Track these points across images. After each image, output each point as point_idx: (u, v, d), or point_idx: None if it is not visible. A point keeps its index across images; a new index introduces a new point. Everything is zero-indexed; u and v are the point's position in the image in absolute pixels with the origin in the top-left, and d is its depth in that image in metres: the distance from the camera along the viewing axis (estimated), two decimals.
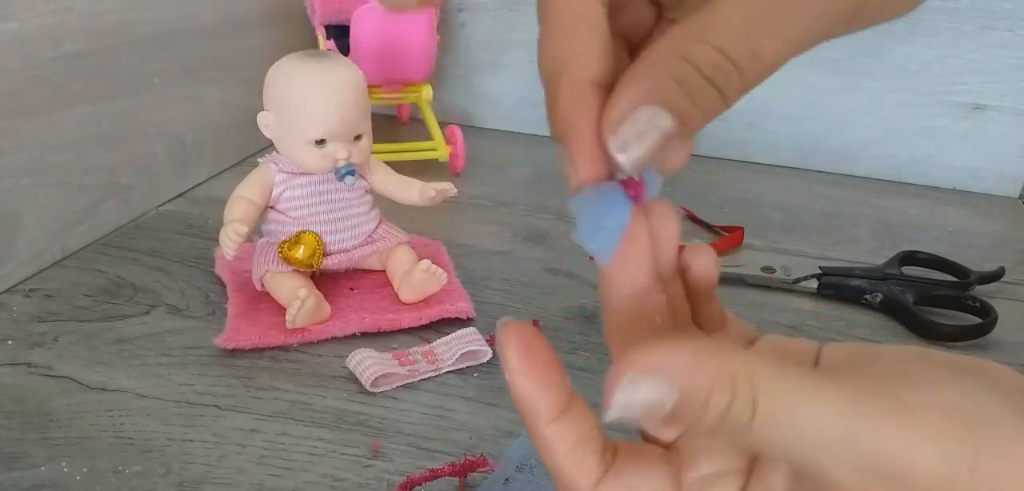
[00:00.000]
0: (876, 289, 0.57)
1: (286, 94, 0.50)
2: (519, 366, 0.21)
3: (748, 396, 0.18)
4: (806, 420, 0.18)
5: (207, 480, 0.38)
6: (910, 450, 0.18)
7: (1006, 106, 0.81)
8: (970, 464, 0.18)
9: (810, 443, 0.18)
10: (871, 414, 0.18)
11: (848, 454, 0.18)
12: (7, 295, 0.52)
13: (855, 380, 0.19)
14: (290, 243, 0.50)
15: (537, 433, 0.21)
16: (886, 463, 0.18)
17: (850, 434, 0.18)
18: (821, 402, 0.18)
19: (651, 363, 0.19)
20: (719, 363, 0.19)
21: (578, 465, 0.21)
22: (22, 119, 0.53)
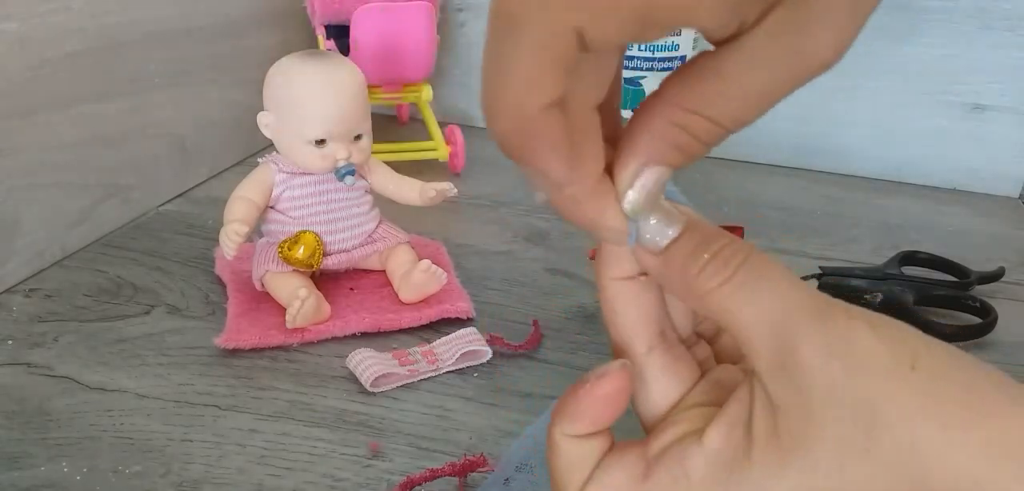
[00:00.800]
0: (876, 289, 0.57)
1: (286, 94, 0.50)
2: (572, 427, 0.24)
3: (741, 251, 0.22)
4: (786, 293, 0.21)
5: (207, 480, 0.38)
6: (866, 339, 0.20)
7: (1006, 106, 0.81)
8: (911, 362, 0.20)
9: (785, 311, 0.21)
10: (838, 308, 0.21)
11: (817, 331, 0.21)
12: (7, 295, 0.52)
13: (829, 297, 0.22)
14: (290, 243, 0.50)
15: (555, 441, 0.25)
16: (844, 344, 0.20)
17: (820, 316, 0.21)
18: (802, 288, 0.21)
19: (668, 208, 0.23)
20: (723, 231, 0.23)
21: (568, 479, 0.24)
22: (22, 119, 0.53)
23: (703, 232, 0.23)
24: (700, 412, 0.24)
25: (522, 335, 0.50)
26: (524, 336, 0.50)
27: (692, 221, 0.23)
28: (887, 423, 0.20)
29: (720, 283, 0.22)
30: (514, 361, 0.48)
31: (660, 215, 0.23)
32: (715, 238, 0.22)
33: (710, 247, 0.22)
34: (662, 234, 0.23)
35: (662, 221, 0.23)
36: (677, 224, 0.23)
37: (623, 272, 0.25)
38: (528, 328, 0.51)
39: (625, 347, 0.25)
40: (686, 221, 0.23)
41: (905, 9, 0.80)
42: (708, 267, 0.22)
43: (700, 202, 0.73)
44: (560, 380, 0.46)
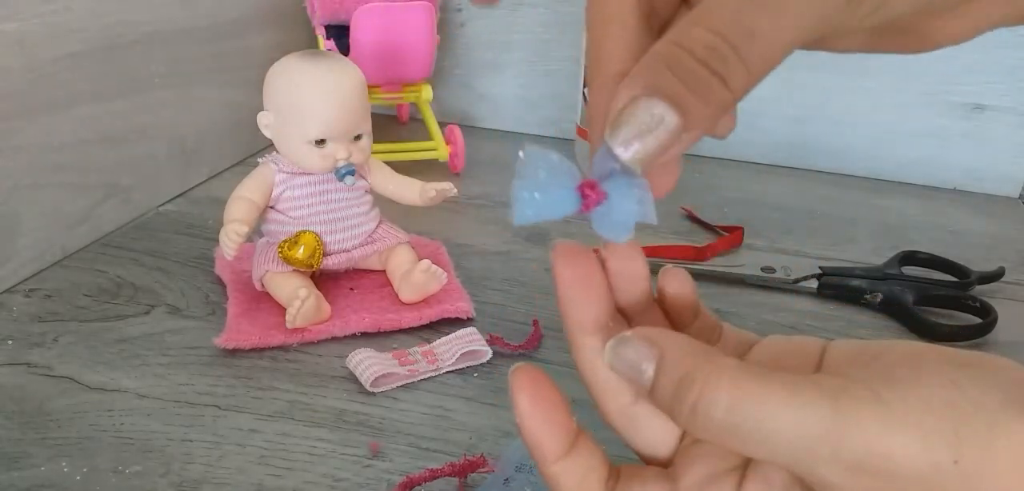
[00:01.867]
0: (876, 289, 0.57)
1: (286, 94, 0.50)
2: (528, 410, 0.23)
3: (722, 392, 0.20)
4: (786, 422, 0.19)
5: (207, 480, 0.38)
6: (892, 443, 0.18)
7: (1006, 106, 0.81)
8: (953, 454, 0.18)
9: (792, 444, 0.19)
10: (852, 412, 0.19)
11: (829, 452, 0.19)
12: (7, 295, 0.52)
13: (836, 381, 0.19)
14: (290, 243, 0.50)
15: (546, 472, 0.23)
16: (869, 458, 0.18)
17: (831, 433, 0.19)
18: (801, 405, 0.19)
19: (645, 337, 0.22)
20: (694, 359, 0.20)
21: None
22: (22, 119, 0.53)
23: (674, 374, 0.20)
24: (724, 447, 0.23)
25: (522, 335, 0.50)
26: (524, 336, 0.50)
27: (661, 359, 0.21)
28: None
29: (710, 427, 0.20)
30: (514, 361, 0.48)
31: (631, 355, 0.21)
32: (686, 384, 0.20)
33: (686, 398, 0.20)
34: (638, 374, 0.21)
35: (634, 362, 0.21)
36: (648, 367, 0.21)
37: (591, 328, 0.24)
38: (528, 328, 0.51)
39: (610, 404, 0.24)
40: (658, 354, 0.21)
41: None
42: (697, 408, 0.20)
43: (700, 202, 0.73)
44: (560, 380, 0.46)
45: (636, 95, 0.19)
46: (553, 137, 0.92)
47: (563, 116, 0.90)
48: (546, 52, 0.89)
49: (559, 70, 0.89)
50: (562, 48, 0.88)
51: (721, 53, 0.18)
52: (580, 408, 0.25)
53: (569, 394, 0.25)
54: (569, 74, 0.88)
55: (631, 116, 0.19)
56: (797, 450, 0.19)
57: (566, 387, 0.25)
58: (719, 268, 0.61)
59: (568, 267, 0.24)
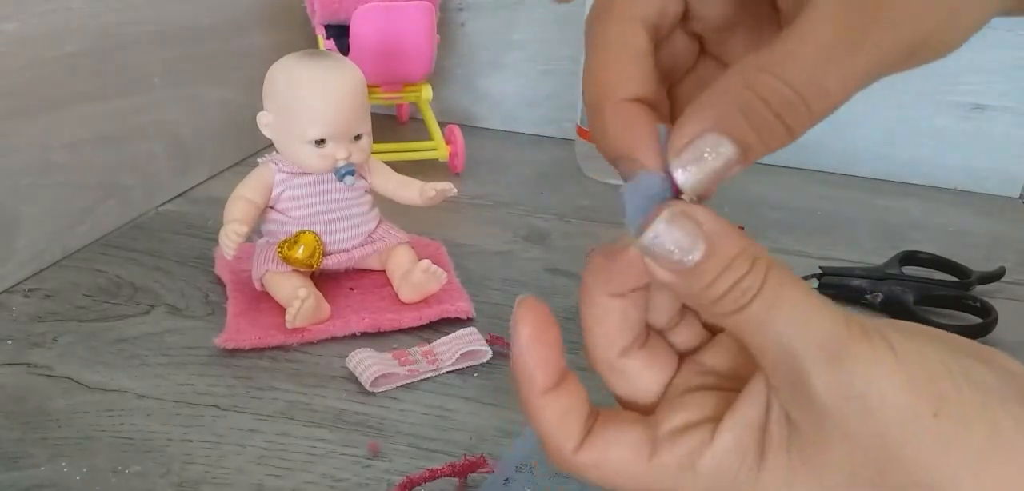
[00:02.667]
0: (876, 289, 0.57)
1: (286, 94, 0.50)
2: (528, 343, 0.24)
3: (760, 276, 0.21)
4: (802, 324, 0.20)
5: (207, 480, 0.38)
6: (883, 378, 0.20)
7: (1006, 106, 0.81)
8: (934, 408, 0.19)
9: (799, 345, 0.20)
10: (861, 338, 0.20)
11: (830, 371, 0.20)
12: (7, 295, 0.52)
13: (853, 317, 0.21)
14: (290, 243, 0.50)
15: (532, 403, 0.24)
16: (859, 387, 0.20)
17: (838, 351, 0.20)
18: (820, 316, 0.20)
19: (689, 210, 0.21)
20: (746, 243, 0.21)
21: (563, 431, 0.24)
22: (22, 119, 0.53)
23: (726, 252, 0.21)
24: (705, 398, 0.24)
25: None
26: None
27: (716, 238, 0.21)
28: (902, 468, 0.20)
29: (739, 309, 0.21)
30: None
31: (687, 230, 0.21)
32: (737, 260, 0.21)
33: (734, 272, 0.21)
34: (687, 252, 0.21)
35: (688, 237, 0.21)
36: (700, 246, 0.21)
37: (617, 289, 0.24)
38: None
39: (601, 353, 0.25)
40: (710, 240, 0.21)
41: None
42: (730, 293, 0.21)
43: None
44: None
45: (707, 129, 0.21)
46: (553, 137, 0.92)
47: (563, 116, 0.90)
48: (546, 52, 0.89)
49: (559, 70, 0.89)
50: (562, 48, 0.88)
51: (795, 108, 0.20)
52: None
53: None
54: (569, 74, 0.88)
55: (698, 148, 0.21)
56: (797, 355, 0.20)
57: None
58: None
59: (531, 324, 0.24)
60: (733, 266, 0.21)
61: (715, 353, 0.26)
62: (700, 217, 0.21)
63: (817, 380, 0.20)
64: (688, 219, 0.21)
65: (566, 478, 0.37)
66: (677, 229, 0.21)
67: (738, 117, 0.20)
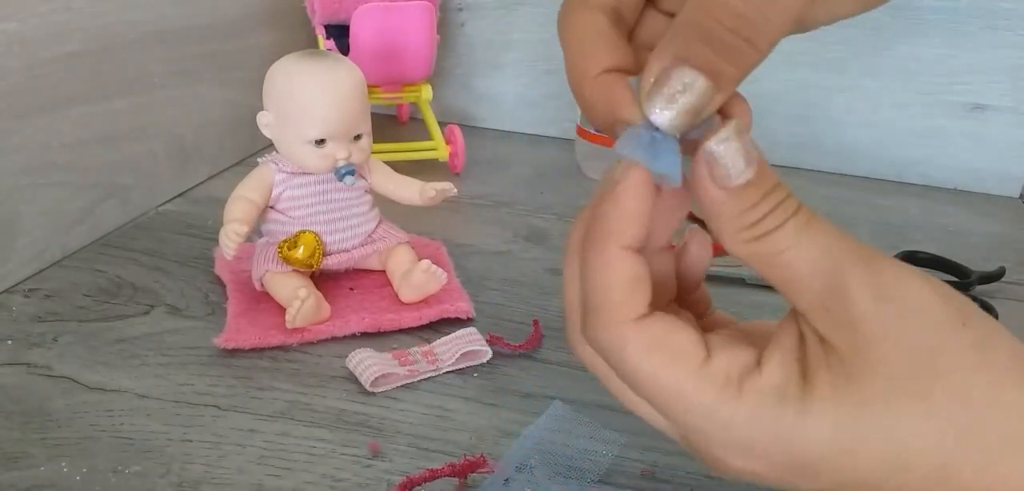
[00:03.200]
0: None
1: (286, 94, 0.50)
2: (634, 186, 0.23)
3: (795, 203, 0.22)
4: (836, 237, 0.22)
5: (207, 480, 0.38)
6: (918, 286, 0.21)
7: (1006, 106, 0.81)
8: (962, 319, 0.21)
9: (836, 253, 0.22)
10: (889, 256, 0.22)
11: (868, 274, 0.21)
12: (7, 295, 0.52)
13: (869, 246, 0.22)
14: (290, 243, 0.50)
15: (606, 252, 0.23)
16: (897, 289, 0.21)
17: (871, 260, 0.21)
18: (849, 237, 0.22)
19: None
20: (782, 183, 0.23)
21: (632, 295, 0.23)
22: (22, 119, 0.52)
23: (770, 179, 0.22)
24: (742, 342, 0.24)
25: (522, 335, 0.50)
26: (524, 336, 0.50)
27: (763, 164, 0.22)
28: (941, 371, 0.20)
29: (773, 229, 0.22)
30: (514, 361, 0.48)
31: (743, 151, 0.22)
32: (777, 188, 0.22)
33: (773, 197, 0.22)
34: (739, 170, 0.22)
35: (741, 155, 0.22)
36: (753, 165, 0.22)
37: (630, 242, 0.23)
38: (528, 328, 0.51)
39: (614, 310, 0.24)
40: (761, 164, 0.22)
41: (905, 9, 0.80)
42: (770, 214, 0.22)
43: None
44: (560, 380, 0.46)
45: (666, 66, 0.21)
46: (553, 137, 0.92)
47: (563, 116, 0.90)
48: (546, 52, 0.89)
49: (559, 70, 0.88)
50: None
51: (751, 19, 0.20)
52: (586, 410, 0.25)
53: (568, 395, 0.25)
54: None
55: (664, 84, 0.21)
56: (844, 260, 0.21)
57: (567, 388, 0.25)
58: (719, 268, 0.61)
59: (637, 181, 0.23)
60: (775, 191, 0.22)
61: None
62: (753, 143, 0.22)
63: (855, 284, 0.21)
64: (745, 141, 0.22)
65: (566, 478, 0.37)
66: (735, 146, 0.22)
67: (699, 45, 0.20)
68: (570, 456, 0.38)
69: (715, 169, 0.22)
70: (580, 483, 0.37)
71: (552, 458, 0.38)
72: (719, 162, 0.22)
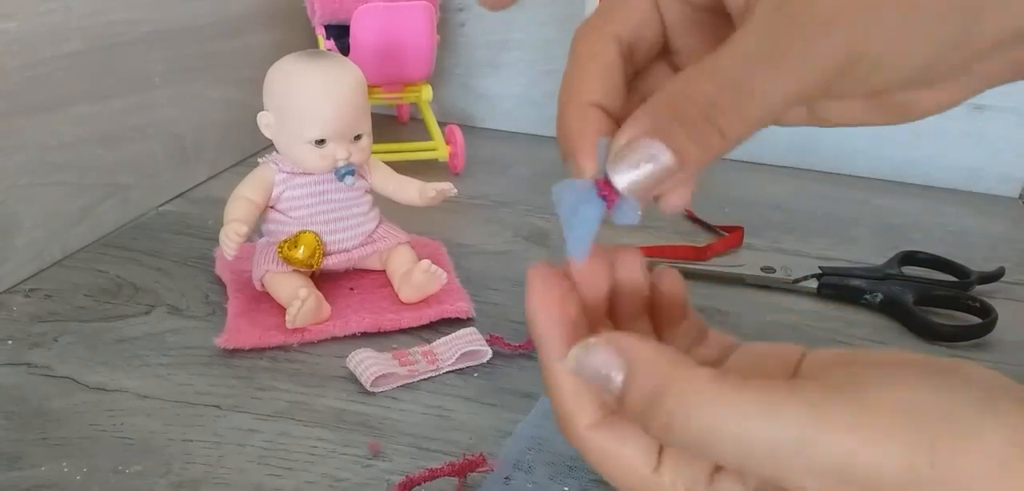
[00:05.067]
0: (876, 289, 0.57)
1: (286, 94, 0.50)
2: (539, 303, 0.24)
3: (695, 406, 0.20)
4: (762, 433, 0.19)
5: (207, 480, 0.38)
6: (869, 450, 0.19)
7: (1006, 106, 0.81)
8: (929, 458, 0.19)
9: (769, 455, 0.19)
10: (828, 419, 0.19)
11: (804, 462, 0.19)
12: (7, 295, 0.52)
13: (811, 389, 0.20)
14: (290, 243, 0.50)
15: (547, 366, 0.24)
16: (846, 465, 0.19)
17: (807, 441, 0.19)
18: (777, 415, 0.19)
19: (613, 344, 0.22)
20: (667, 369, 0.21)
21: (579, 404, 0.24)
22: (22, 119, 0.53)
23: (645, 385, 0.21)
24: None
25: (522, 335, 0.50)
26: (524, 336, 0.50)
27: (632, 367, 0.22)
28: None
29: (691, 439, 0.20)
30: (514, 361, 0.48)
31: (601, 360, 0.22)
32: (658, 396, 0.21)
33: (658, 411, 0.21)
34: (608, 381, 0.22)
35: (602, 368, 0.22)
36: (618, 376, 0.22)
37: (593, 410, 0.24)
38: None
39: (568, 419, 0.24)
40: (627, 362, 0.22)
41: None
42: (672, 423, 0.21)
43: (700, 202, 0.73)
44: None
45: (637, 134, 0.21)
46: (553, 137, 0.92)
47: None
48: (546, 52, 0.89)
49: (559, 70, 0.88)
50: (562, 48, 0.87)
51: (721, 106, 0.20)
52: None
53: None
54: None
55: (631, 152, 0.21)
56: (773, 461, 0.19)
57: None
58: (719, 268, 0.61)
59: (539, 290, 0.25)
60: (658, 391, 0.21)
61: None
62: (621, 342, 0.22)
63: (802, 480, 0.19)
64: (605, 347, 0.22)
65: (567, 478, 0.37)
66: (594, 356, 0.22)
67: (671, 122, 0.21)
68: (571, 455, 0.38)
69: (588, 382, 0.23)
70: (580, 482, 0.37)
71: (552, 457, 0.38)
72: (586, 378, 0.22)
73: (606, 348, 0.22)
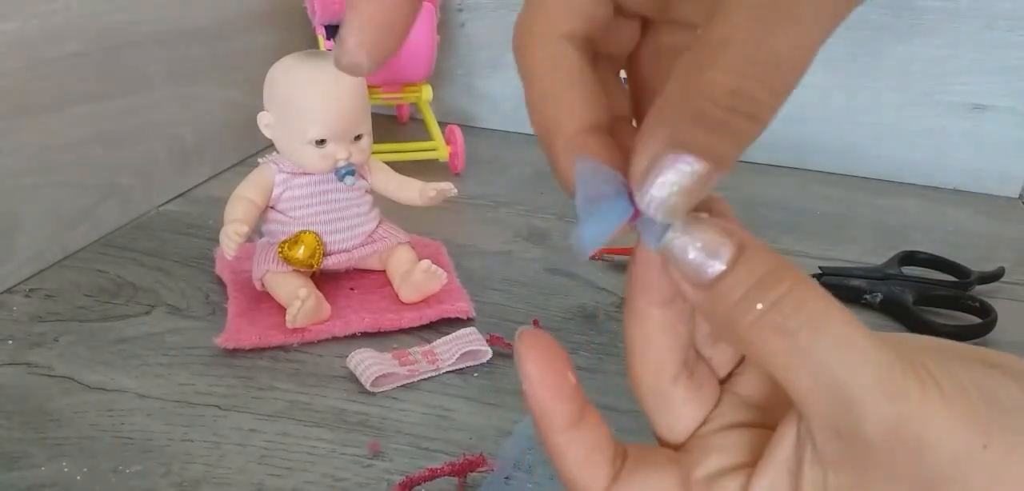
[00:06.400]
0: (876, 289, 0.57)
1: (286, 94, 0.50)
2: (536, 376, 0.22)
3: (799, 298, 0.18)
4: (852, 357, 0.18)
5: (207, 480, 0.38)
6: (939, 421, 0.18)
7: (1006, 106, 0.81)
8: (984, 439, 0.18)
9: (852, 381, 0.18)
10: (910, 378, 0.18)
11: (887, 409, 0.18)
12: (7, 295, 0.52)
13: (895, 347, 0.19)
14: (290, 243, 0.50)
15: (551, 442, 0.22)
16: (916, 428, 0.18)
17: (892, 393, 0.18)
18: (871, 350, 0.18)
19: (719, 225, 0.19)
20: (778, 258, 0.19)
21: (590, 472, 0.22)
22: (22, 119, 0.53)
23: (756, 267, 0.19)
24: (739, 438, 0.22)
25: None
26: None
27: (743, 248, 0.19)
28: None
29: (775, 337, 0.18)
30: (514, 361, 0.48)
31: (706, 236, 0.19)
32: (771, 280, 0.19)
33: (766, 294, 0.18)
34: (707, 263, 0.19)
35: (707, 245, 0.19)
36: (725, 253, 0.19)
37: (660, 299, 0.22)
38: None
39: (650, 380, 0.23)
40: (736, 248, 0.19)
41: (905, 9, 0.80)
42: (763, 318, 0.18)
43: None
44: None
45: (658, 152, 0.18)
46: None
47: None
48: None
49: None
50: None
51: (745, 93, 0.17)
52: None
53: None
54: None
55: (657, 173, 0.18)
56: (850, 392, 0.18)
57: None
58: None
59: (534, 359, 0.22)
60: (765, 282, 0.18)
61: (750, 378, 0.24)
62: (731, 227, 0.19)
63: (872, 418, 0.18)
64: (703, 233, 0.19)
65: None
66: (702, 228, 0.19)
67: (692, 129, 0.18)
68: None
69: (677, 269, 0.19)
70: None
71: None
72: (677, 262, 0.19)
73: (714, 225, 0.19)
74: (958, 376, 0.19)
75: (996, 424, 0.18)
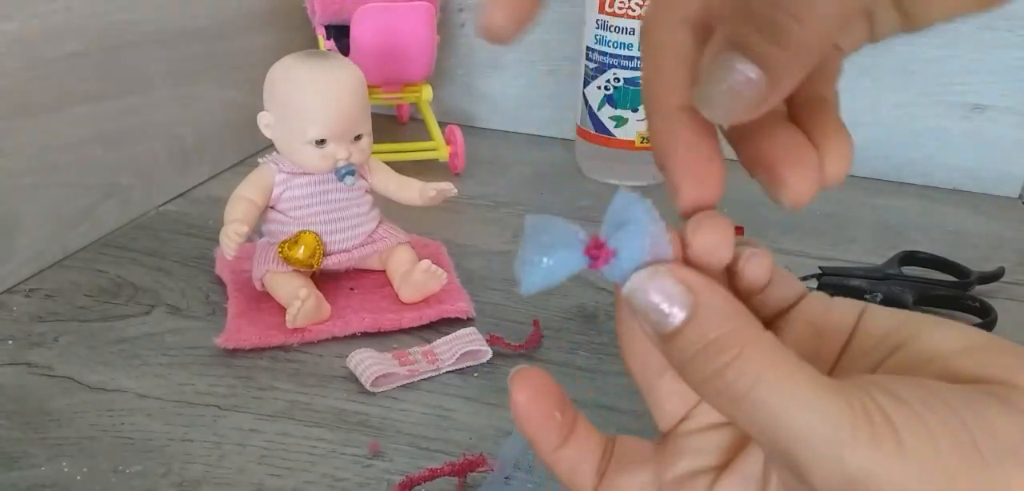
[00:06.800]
0: (876, 289, 0.57)
1: (286, 94, 0.50)
2: (525, 407, 0.24)
3: (751, 369, 0.19)
4: (804, 420, 0.18)
5: (207, 480, 0.38)
6: (884, 474, 0.18)
7: (1006, 106, 0.81)
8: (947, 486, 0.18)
9: (801, 442, 0.18)
10: (862, 431, 0.18)
11: (831, 468, 0.18)
12: (7, 295, 0.52)
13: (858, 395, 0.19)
14: (290, 243, 0.51)
15: (544, 458, 0.25)
16: (858, 482, 0.18)
17: (838, 454, 0.18)
18: (821, 405, 0.18)
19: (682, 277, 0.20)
20: (737, 320, 0.20)
21: (578, 481, 0.25)
22: (22, 119, 0.53)
23: (707, 329, 0.19)
24: (715, 440, 0.24)
25: (522, 335, 0.50)
26: (524, 336, 0.50)
27: (696, 308, 0.20)
28: None
29: (722, 399, 0.19)
30: (514, 361, 0.48)
31: (666, 286, 0.20)
32: (721, 343, 0.19)
33: (715, 358, 0.19)
34: (664, 318, 0.20)
35: (666, 296, 0.20)
36: (681, 308, 0.20)
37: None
38: (528, 328, 0.51)
39: (638, 372, 0.25)
40: (691, 307, 0.20)
41: None
42: (711, 382, 0.19)
43: None
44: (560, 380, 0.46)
45: (715, 51, 0.19)
46: (553, 137, 0.92)
47: (563, 116, 0.90)
48: (546, 52, 0.89)
49: (559, 70, 0.89)
50: (562, 48, 0.88)
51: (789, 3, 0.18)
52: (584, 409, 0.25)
53: (569, 395, 0.25)
54: (569, 75, 0.88)
55: (713, 73, 0.19)
56: (805, 448, 0.18)
57: (567, 388, 0.25)
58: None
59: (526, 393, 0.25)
60: (715, 345, 0.19)
61: None
62: (689, 279, 0.20)
63: (817, 476, 0.18)
64: (674, 278, 0.20)
65: None
66: (659, 284, 0.20)
67: (745, 27, 0.19)
68: None
69: (639, 318, 0.20)
70: None
71: None
72: (639, 310, 0.20)
73: (674, 279, 0.20)
74: (929, 423, 0.18)
75: (965, 475, 0.18)
